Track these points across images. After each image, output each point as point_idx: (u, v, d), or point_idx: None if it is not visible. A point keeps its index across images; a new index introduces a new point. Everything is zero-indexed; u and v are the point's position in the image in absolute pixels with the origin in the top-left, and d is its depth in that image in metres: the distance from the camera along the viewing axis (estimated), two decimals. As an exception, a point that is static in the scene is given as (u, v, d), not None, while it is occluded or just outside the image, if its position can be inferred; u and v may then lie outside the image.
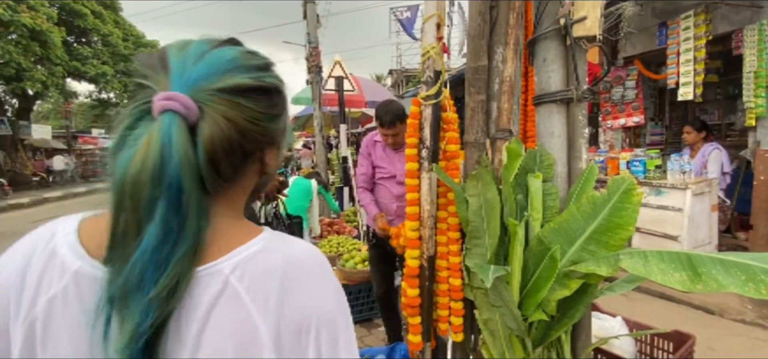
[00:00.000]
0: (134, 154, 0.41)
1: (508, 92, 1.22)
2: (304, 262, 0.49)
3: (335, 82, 4.53)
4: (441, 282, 1.36)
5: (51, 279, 0.44)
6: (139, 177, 0.41)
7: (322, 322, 0.47)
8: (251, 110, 0.47)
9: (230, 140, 0.45)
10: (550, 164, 1.36)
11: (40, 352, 0.43)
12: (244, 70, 0.48)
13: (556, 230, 1.27)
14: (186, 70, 0.45)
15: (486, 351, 1.35)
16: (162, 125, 0.42)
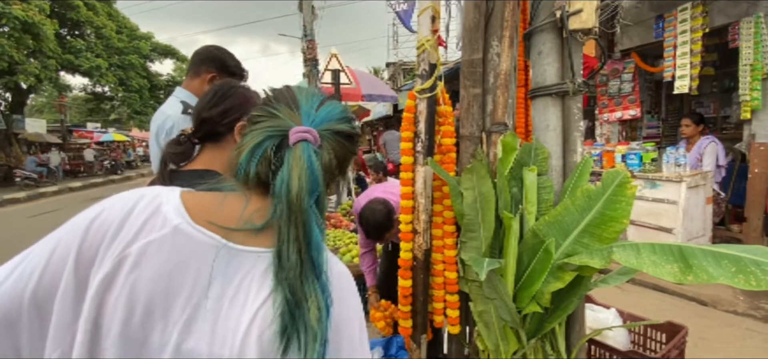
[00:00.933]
0: (291, 174, 0.55)
1: (503, 86, 1.21)
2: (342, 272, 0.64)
3: (332, 75, 4.51)
4: (436, 275, 1.37)
5: (152, 227, 0.53)
6: (300, 190, 0.54)
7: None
8: (346, 148, 0.64)
9: (331, 165, 0.61)
10: (545, 157, 1.37)
11: (120, 284, 0.50)
12: (346, 121, 0.64)
13: (551, 223, 1.28)
14: (312, 113, 0.61)
15: (481, 342, 1.36)
16: (303, 151, 0.56)
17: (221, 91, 1.09)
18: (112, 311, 0.50)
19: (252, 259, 0.55)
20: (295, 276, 0.52)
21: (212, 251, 0.53)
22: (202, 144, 1.07)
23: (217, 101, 1.06)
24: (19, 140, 16.46)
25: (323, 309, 0.52)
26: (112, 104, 23.37)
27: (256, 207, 0.58)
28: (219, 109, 1.05)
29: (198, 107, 1.07)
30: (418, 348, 1.45)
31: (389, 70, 19.26)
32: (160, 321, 0.50)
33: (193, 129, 1.05)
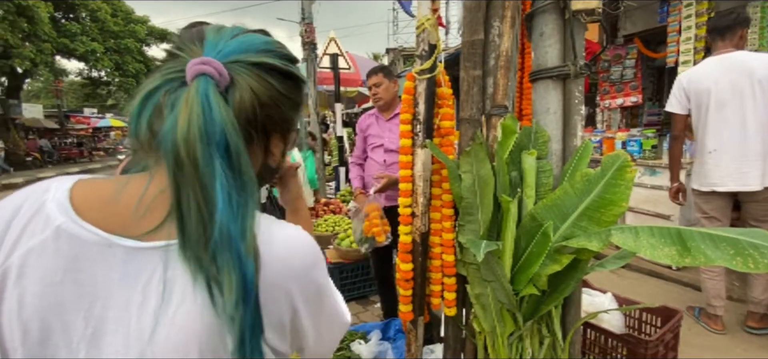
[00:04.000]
0: (177, 118, 0.42)
1: (504, 67, 1.20)
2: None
3: (330, 59, 4.46)
4: (434, 258, 1.37)
5: (34, 230, 0.44)
6: (189, 137, 0.42)
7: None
8: (276, 89, 0.51)
9: (253, 110, 0.48)
10: (544, 141, 1.36)
11: (8, 302, 0.43)
12: (275, 55, 0.52)
13: (550, 206, 1.28)
14: (220, 43, 0.48)
15: (477, 324, 1.37)
16: (198, 87, 0.44)
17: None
18: (10, 333, 0.43)
19: (157, 255, 0.44)
20: (200, 255, 0.42)
21: (105, 251, 0.44)
22: None
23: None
24: (17, 126, 16.37)
25: (237, 289, 0.41)
26: (108, 89, 23.19)
27: (161, 187, 0.45)
28: None
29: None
30: (414, 330, 1.46)
31: (389, 57, 19.08)
32: (62, 339, 0.43)
33: None
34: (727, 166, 2.42)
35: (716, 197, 2.50)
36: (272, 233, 0.49)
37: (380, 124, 2.49)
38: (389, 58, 18.50)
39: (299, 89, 0.56)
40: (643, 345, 1.62)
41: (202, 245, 0.42)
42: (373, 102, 2.46)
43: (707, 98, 2.45)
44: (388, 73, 2.43)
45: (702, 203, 2.59)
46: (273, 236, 0.49)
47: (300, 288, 0.51)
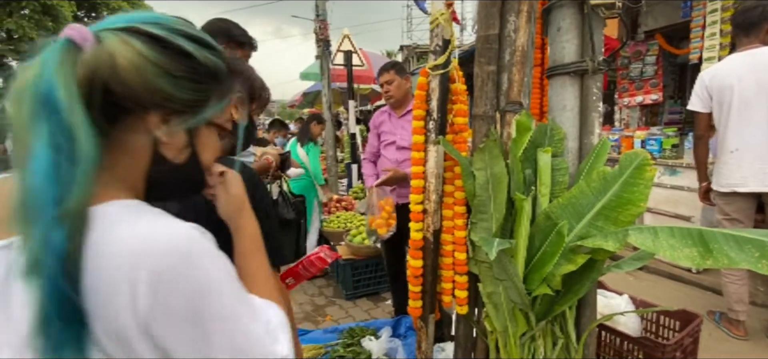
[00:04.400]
0: (17, 78, 0.42)
1: (520, 63, 1.18)
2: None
3: (344, 56, 4.46)
4: (446, 256, 1.36)
5: None
6: (20, 94, 0.40)
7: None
8: (140, 54, 0.45)
9: (107, 75, 0.44)
10: (560, 138, 1.33)
11: None
12: (160, 27, 0.48)
13: (565, 205, 1.25)
14: (109, 19, 0.48)
15: (489, 323, 1.35)
16: (49, 48, 0.42)
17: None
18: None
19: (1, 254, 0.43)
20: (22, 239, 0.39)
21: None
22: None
23: None
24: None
25: (37, 257, 0.37)
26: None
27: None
28: None
29: None
30: (425, 328, 1.46)
31: (402, 54, 19.01)
32: None
33: None
34: (750, 166, 2.33)
35: (738, 198, 2.42)
36: (123, 225, 0.43)
37: (392, 121, 2.48)
38: (403, 55, 18.44)
39: (179, 62, 0.49)
40: (661, 348, 1.58)
41: (22, 213, 0.39)
42: (385, 99, 2.46)
43: (730, 96, 2.37)
44: (399, 69, 2.42)
45: (723, 205, 2.51)
46: (122, 227, 0.43)
47: (153, 297, 0.42)
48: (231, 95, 0.59)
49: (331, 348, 2.52)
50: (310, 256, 1.28)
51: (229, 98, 0.58)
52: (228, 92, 0.58)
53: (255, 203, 0.99)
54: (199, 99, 0.53)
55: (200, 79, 0.52)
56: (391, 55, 21.05)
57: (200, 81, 0.53)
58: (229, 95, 0.58)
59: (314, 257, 1.28)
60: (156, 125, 0.50)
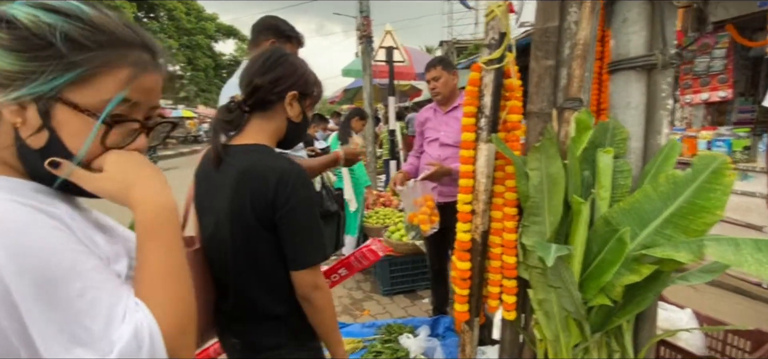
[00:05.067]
0: None
1: (581, 57, 1.10)
2: None
3: (386, 52, 4.44)
4: (493, 259, 1.31)
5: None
6: None
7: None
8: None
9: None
10: (623, 138, 1.24)
11: None
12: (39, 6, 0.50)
13: (627, 210, 1.16)
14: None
15: (539, 331, 1.29)
16: None
17: (273, 57, 1.05)
18: None
19: None
20: None
21: None
22: (250, 114, 1.06)
23: (268, 68, 1.03)
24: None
25: None
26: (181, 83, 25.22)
27: None
28: (270, 76, 1.02)
29: (249, 72, 1.04)
30: (470, 331, 1.42)
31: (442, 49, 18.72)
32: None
33: (244, 96, 1.04)
34: None
35: None
36: None
37: (437, 117, 2.44)
38: (443, 50, 18.15)
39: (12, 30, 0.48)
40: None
41: None
42: (432, 96, 2.41)
43: None
44: (447, 65, 2.36)
45: None
46: None
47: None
48: (86, 64, 0.51)
49: (369, 342, 2.53)
50: (362, 248, 1.28)
51: (85, 69, 0.51)
52: (78, 65, 0.50)
53: (304, 200, 1.00)
54: (26, 70, 0.49)
55: (26, 48, 0.49)
56: (431, 51, 20.80)
57: (26, 50, 0.49)
58: (81, 66, 0.51)
59: (366, 249, 1.27)
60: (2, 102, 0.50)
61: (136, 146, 0.59)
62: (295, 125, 1.08)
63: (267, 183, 0.94)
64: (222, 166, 1.01)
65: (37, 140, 0.52)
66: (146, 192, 0.55)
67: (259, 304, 1.01)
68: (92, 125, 0.53)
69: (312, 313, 1.02)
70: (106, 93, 0.53)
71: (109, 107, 0.53)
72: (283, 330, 1.04)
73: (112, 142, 0.56)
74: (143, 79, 0.56)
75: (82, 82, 0.51)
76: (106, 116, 0.53)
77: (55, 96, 0.50)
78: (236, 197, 0.96)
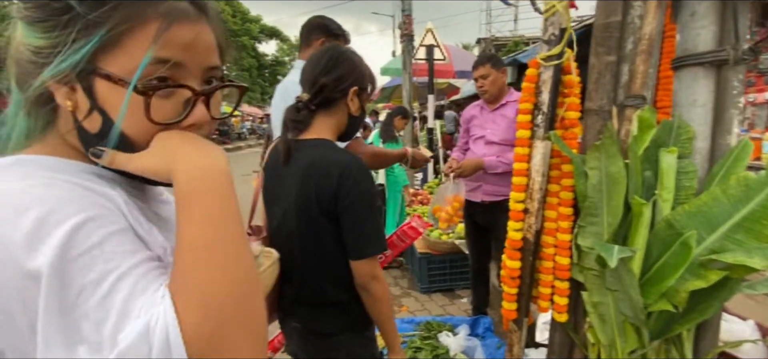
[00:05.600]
0: None
1: (645, 52, 1.06)
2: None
3: (426, 51, 4.44)
4: (545, 259, 1.29)
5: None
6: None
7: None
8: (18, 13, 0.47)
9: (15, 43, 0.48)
10: (688, 137, 1.18)
11: None
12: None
13: (692, 213, 1.11)
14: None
15: (592, 335, 1.26)
16: None
17: (335, 55, 1.09)
18: None
19: None
20: None
21: None
22: (314, 111, 1.11)
23: (332, 66, 1.08)
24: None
25: None
26: (227, 83, 26.26)
27: None
28: (334, 75, 1.07)
29: (312, 71, 1.09)
30: (518, 331, 1.40)
31: (480, 47, 18.42)
32: None
33: (311, 95, 1.09)
34: None
35: None
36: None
37: (484, 115, 2.41)
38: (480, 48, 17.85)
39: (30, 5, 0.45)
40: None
41: None
42: (479, 93, 2.38)
43: None
44: (496, 62, 2.32)
45: None
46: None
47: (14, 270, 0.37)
48: (108, 21, 0.44)
49: (408, 338, 2.55)
50: (403, 226, 1.30)
51: (109, 28, 0.44)
52: (100, 24, 0.44)
53: (365, 193, 1.03)
54: (53, 42, 0.44)
55: (47, 15, 0.44)
56: (468, 48, 20.50)
57: (47, 18, 0.44)
58: (104, 25, 0.44)
59: (407, 227, 1.29)
60: (50, 84, 0.46)
61: (194, 119, 0.48)
62: (355, 119, 1.12)
63: (330, 176, 0.98)
64: (289, 160, 1.06)
65: (93, 123, 0.47)
66: (188, 157, 0.45)
67: (321, 291, 1.06)
68: (115, 95, 0.45)
69: (370, 302, 1.06)
70: (141, 54, 0.45)
71: (138, 70, 0.44)
72: (342, 318, 1.08)
73: (161, 115, 0.46)
74: (177, 30, 0.46)
75: (112, 47, 0.44)
76: (136, 82, 0.44)
77: (92, 69, 0.44)
78: (302, 190, 1.01)
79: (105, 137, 0.47)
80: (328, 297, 1.07)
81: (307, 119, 1.09)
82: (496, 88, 2.30)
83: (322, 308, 1.08)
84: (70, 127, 0.48)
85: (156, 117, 0.46)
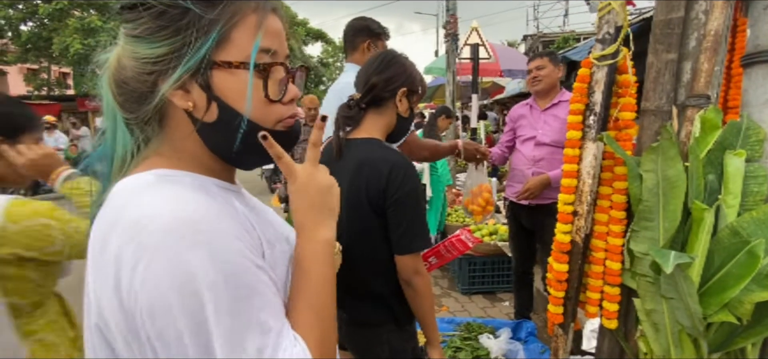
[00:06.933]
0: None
1: (710, 49, 1.01)
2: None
3: (470, 49, 4.39)
4: (595, 263, 1.26)
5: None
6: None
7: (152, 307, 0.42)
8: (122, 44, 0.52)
9: (115, 68, 0.52)
10: (759, 139, 1.10)
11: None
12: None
13: (761, 221, 1.04)
14: None
15: (644, 344, 1.21)
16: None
17: (387, 58, 1.17)
18: None
19: None
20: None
21: None
22: (365, 110, 1.17)
23: (384, 67, 1.15)
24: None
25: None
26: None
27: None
28: (385, 75, 1.14)
29: (366, 72, 1.17)
30: (564, 335, 1.37)
31: (526, 44, 17.83)
32: None
33: (361, 95, 1.16)
34: None
35: None
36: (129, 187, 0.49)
37: (534, 114, 2.36)
38: (526, 45, 17.27)
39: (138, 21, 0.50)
40: None
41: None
42: (531, 86, 2.34)
43: None
44: (554, 58, 2.29)
45: None
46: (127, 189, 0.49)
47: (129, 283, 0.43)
48: (221, 19, 0.49)
49: (448, 337, 2.56)
50: (451, 238, 1.32)
51: (222, 25, 0.49)
52: (216, 21, 0.49)
53: (412, 190, 1.08)
54: (175, 48, 0.49)
55: (167, 23, 0.48)
56: (513, 45, 19.91)
57: (167, 25, 0.48)
58: (219, 22, 0.49)
59: (455, 239, 1.31)
60: (168, 92, 0.50)
61: (291, 95, 0.56)
62: (404, 120, 1.17)
63: (380, 173, 1.03)
64: (342, 157, 1.13)
65: (211, 116, 0.51)
66: (312, 226, 0.55)
67: (366, 283, 1.11)
68: (247, 78, 0.51)
69: (412, 297, 1.09)
70: (248, 45, 0.51)
71: (253, 53, 0.51)
72: (385, 310, 1.13)
73: (273, 93, 0.53)
74: (269, 22, 0.53)
75: (225, 41, 0.50)
76: (255, 62, 0.51)
77: (208, 65, 0.49)
78: (353, 185, 1.07)
79: (225, 125, 0.51)
80: (373, 290, 1.12)
81: (357, 117, 1.15)
82: (550, 81, 2.25)
83: (367, 299, 1.13)
84: (187, 131, 0.52)
85: (271, 95, 0.53)
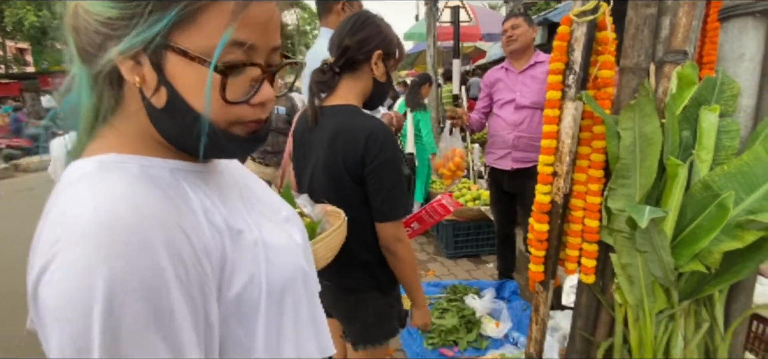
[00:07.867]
0: None
1: (689, 3, 1.00)
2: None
3: (451, 13, 4.29)
4: (573, 222, 1.29)
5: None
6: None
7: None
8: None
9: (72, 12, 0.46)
10: (733, 94, 1.12)
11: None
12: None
13: (731, 174, 1.08)
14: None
15: (620, 296, 1.27)
16: None
17: (361, 19, 1.12)
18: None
19: None
20: None
21: None
22: (340, 75, 1.13)
23: (357, 28, 1.10)
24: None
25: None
26: (288, 82, 26.54)
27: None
28: (358, 37, 1.09)
29: (339, 34, 1.12)
30: (544, 292, 1.42)
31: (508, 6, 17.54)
32: None
33: (335, 58, 1.12)
34: None
35: None
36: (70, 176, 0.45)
37: (510, 77, 2.34)
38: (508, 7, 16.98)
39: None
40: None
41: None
42: (505, 47, 2.31)
43: None
44: (528, 19, 2.25)
45: None
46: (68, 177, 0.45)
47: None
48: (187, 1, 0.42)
49: (435, 299, 2.63)
50: (433, 203, 1.33)
51: (186, 4, 0.42)
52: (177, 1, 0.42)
53: (391, 158, 1.06)
54: (126, 14, 0.42)
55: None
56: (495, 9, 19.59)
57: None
58: (181, 1, 0.42)
59: (437, 204, 1.32)
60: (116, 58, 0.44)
61: (262, 98, 0.48)
62: (380, 85, 1.13)
63: (357, 141, 1.01)
64: (317, 125, 1.10)
65: (160, 100, 0.45)
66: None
67: (349, 251, 1.11)
68: (206, 74, 0.43)
69: (394, 263, 1.10)
70: (215, 35, 0.43)
71: (217, 50, 0.43)
72: (369, 277, 1.14)
73: (232, 95, 0.45)
74: (252, 9, 0.44)
75: (188, 23, 0.43)
76: (216, 63, 0.43)
77: (163, 43, 0.43)
78: (330, 154, 1.05)
79: (174, 115, 0.46)
80: (356, 257, 1.12)
81: (332, 83, 1.11)
82: (525, 41, 2.22)
83: (351, 267, 1.13)
84: (139, 105, 0.47)
85: (229, 97, 0.45)
